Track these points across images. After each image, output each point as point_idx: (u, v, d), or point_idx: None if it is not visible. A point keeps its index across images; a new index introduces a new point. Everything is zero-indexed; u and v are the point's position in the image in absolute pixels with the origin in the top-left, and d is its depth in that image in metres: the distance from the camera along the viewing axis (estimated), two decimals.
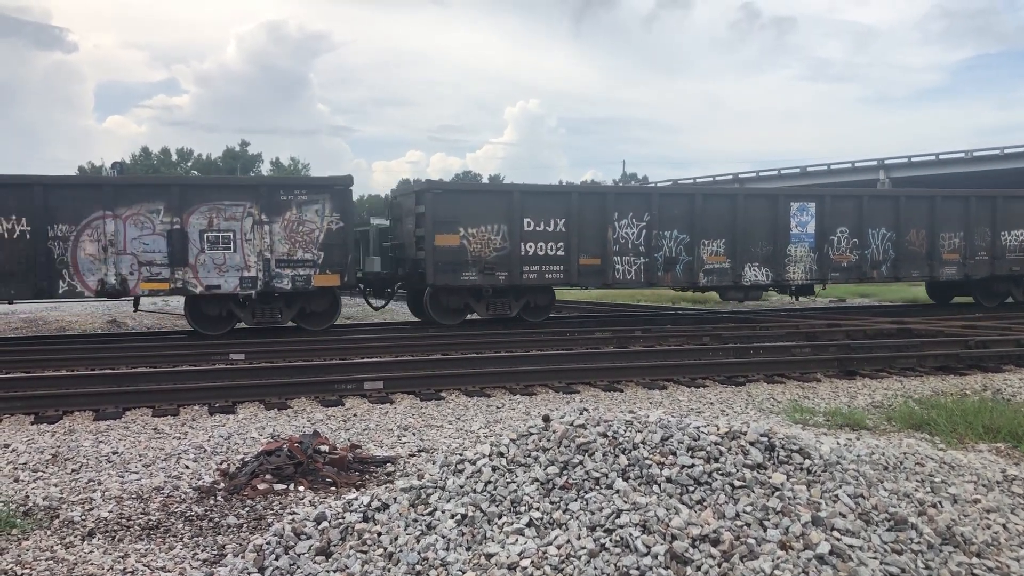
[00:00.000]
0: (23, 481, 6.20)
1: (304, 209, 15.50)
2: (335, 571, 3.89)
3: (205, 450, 7.11)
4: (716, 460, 4.25)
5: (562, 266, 16.84)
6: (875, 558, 3.62)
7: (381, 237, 19.05)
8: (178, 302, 19.29)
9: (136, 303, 16.79)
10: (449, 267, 16.14)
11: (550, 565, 3.62)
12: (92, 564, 4.55)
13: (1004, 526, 4.23)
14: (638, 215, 17.28)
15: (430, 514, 4.19)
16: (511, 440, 4.70)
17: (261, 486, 5.80)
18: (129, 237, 14.73)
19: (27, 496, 5.77)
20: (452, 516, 4.10)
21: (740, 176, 56.61)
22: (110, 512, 5.42)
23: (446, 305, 16.78)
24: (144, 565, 4.54)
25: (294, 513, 5.04)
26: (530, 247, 16.59)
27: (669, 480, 4.14)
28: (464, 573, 3.69)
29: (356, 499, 4.52)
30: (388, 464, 6.55)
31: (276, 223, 15.32)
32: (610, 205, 17.12)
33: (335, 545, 4.09)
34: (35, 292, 14.55)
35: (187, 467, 6.55)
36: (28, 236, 14.28)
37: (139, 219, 14.78)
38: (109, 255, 14.63)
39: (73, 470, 6.50)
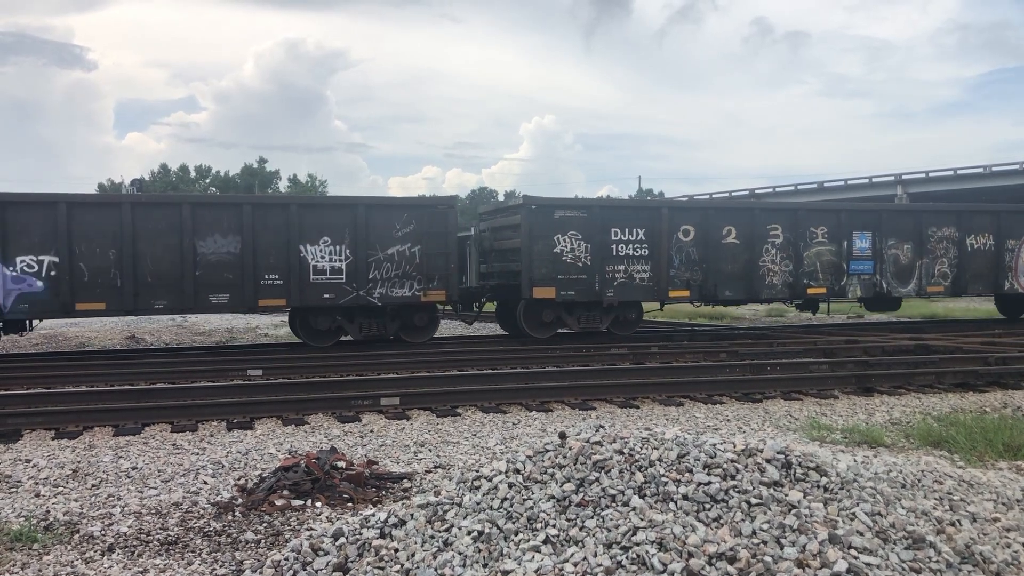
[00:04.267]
0: (44, 496, 6.26)
1: None
2: None
3: (223, 466, 7.15)
4: (733, 477, 4.25)
5: None
6: None
7: None
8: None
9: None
10: None
11: None
12: None
13: None
14: None
15: (447, 530, 4.21)
16: (527, 457, 4.71)
17: (279, 502, 5.83)
18: None
19: (48, 511, 5.83)
20: (469, 533, 4.12)
21: (757, 192, 56.51)
22: (129, 527, 5.46)
23: None
24: None
25: (312, 529, 5.08)
26: None
27: (686, 497, 4.14)
28: None
29: (373, 515, 4.54)
30: (405, 480, 6.57)
31: None
32: None
33: (352, 561, 4.11)
34: (994, 288, 20.26)
35: (205, 483, 6.60)
36: (992, 248, 19.87)
37: None
38: None
39: (93, 485, 6.56)
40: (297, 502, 5.85)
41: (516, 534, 4.07)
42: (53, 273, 14.54)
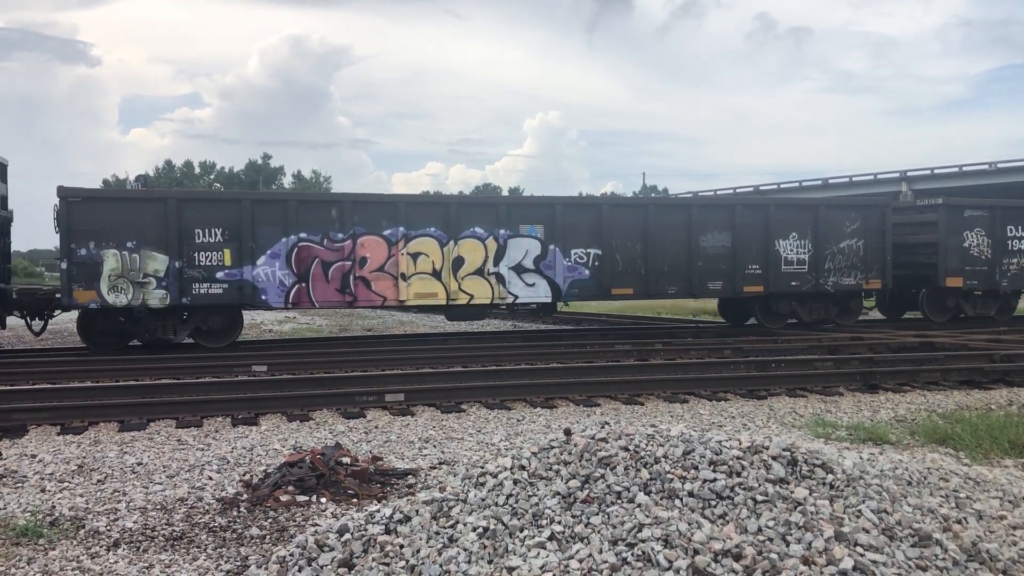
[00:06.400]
0: (49, 491, 6.28)
1: None
2: None
3: (228, 461, 7.16)
4: (738, 474, 4.24)
5: None
6: (899, 574, 3.60)
7: None
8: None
9: None
10: None
11: None
12: (117, 574, 4.60)
13: None
14: None
15: (452, 527, 4.21)
16: (532, 453, 4.71)
17: (284, 498, 5.84)
18: None
19: (53, 506, 5.84)
20: (474, 529, 4.12)
21: (761, 188, 56.39)
22: (135, 523, 5.47)
23: None
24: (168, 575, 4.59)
25: (316, 525, 5.08)
26: None
27: (691, 494, 4.13)
28: None
29: (378, 511, 4.55)
30: (409, 476, 6.58)
31: None
32: None
33: (357, 557, 4.11)
34: None
35: (210, 478, 6.61)
36: None
37: None
38: None
39: (98, 481, 6.58)
40: (302, 498, 5.86)
41: (521, 531, 4.07)
42: (597, 263, 17.26)
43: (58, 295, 15.36)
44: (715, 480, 4.19)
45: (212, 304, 15.32)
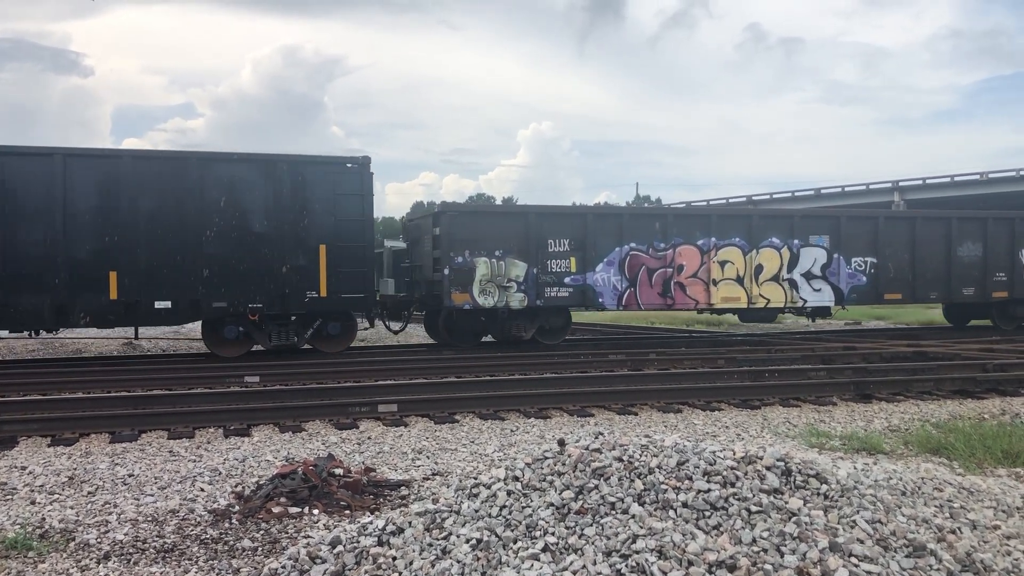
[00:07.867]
0: (39, 503, 6.23)
1: None
2: None
3: (220, 473, 7.12)
4: (732, 485, 4.23)
5: None
6: None
7: (397, 259, 21.26)
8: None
9: None
10: None
11: None
12: None
13: None
14: None
15: (445, 538, 4.18)
16: (526, 464, 4.69)
17: (276, 509, 5.80)
18: None
19: (44, 518, 5.79)
20: (467, 541, 4.09)
21: (754, 199, 56.61)
22: (126, 535, 5.43)
23: None
24: None
25: (309, 537, 5.04)
26: None
27: (685, 505, 4.12)
28: None
29: (371, 523, 4.52)
30: (402, 487, 6.54)
31: None
32: None
33: (350, 569, 4.08)
34: None
35: (202, 490, 6.56)
36: None
37: None
38: None
39: (89, 492, 6.53)
40: (294, 509, 5.82)
41: (515, 542, 4.05)
42: (872, 271, 19.12)
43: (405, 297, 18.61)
44: (709, 491, 4.17)
45: (558, 306, 17.46)
